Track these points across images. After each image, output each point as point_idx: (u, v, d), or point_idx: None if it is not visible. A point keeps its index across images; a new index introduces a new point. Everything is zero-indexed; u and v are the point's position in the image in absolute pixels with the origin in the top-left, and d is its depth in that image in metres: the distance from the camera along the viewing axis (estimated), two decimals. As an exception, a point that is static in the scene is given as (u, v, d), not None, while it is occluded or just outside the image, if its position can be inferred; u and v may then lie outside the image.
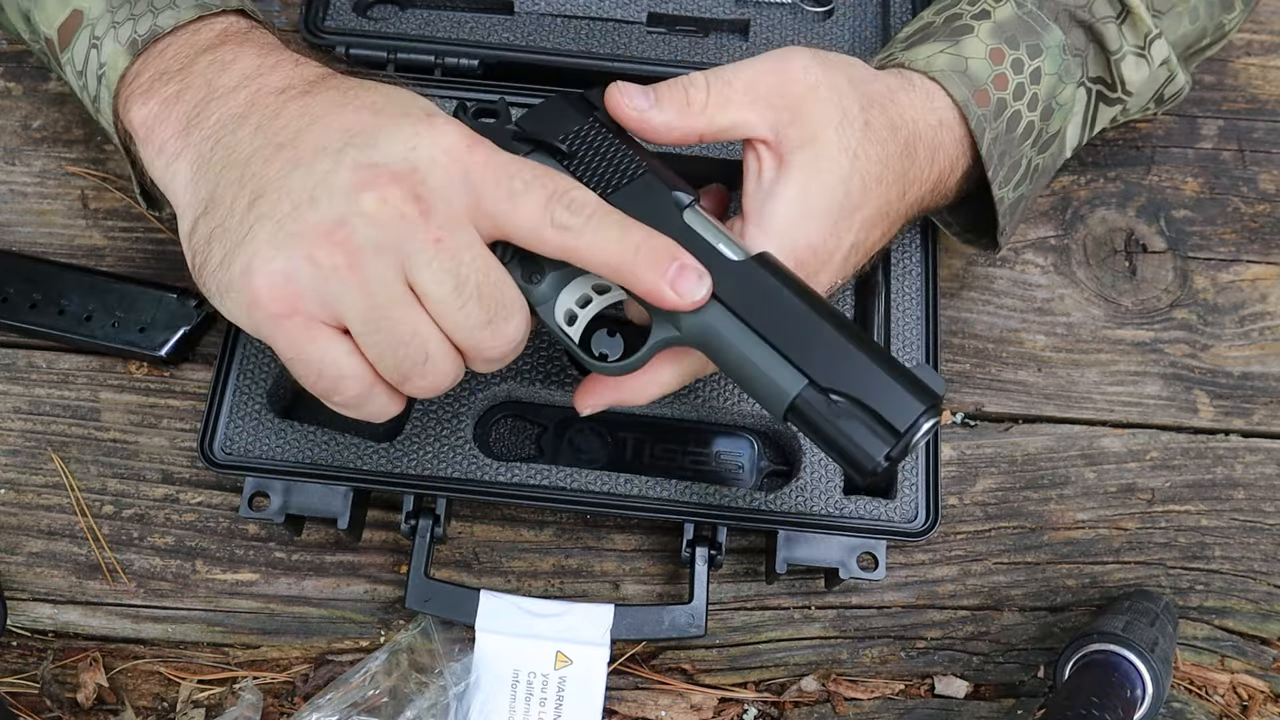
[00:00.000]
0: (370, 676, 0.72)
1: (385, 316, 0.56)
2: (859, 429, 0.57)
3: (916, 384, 0.58)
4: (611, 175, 0.62)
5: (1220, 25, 0.80)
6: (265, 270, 0.56)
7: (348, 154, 0.56)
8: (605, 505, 0.74)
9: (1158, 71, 0.76)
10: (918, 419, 0.57)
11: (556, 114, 0.63)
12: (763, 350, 0.59)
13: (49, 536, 0.78)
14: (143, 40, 0.66)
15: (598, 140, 0.63)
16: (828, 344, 0.58)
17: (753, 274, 0.59)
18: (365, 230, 0.55)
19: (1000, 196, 0.73)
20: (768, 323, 0.59)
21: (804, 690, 0.76)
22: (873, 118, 0.66)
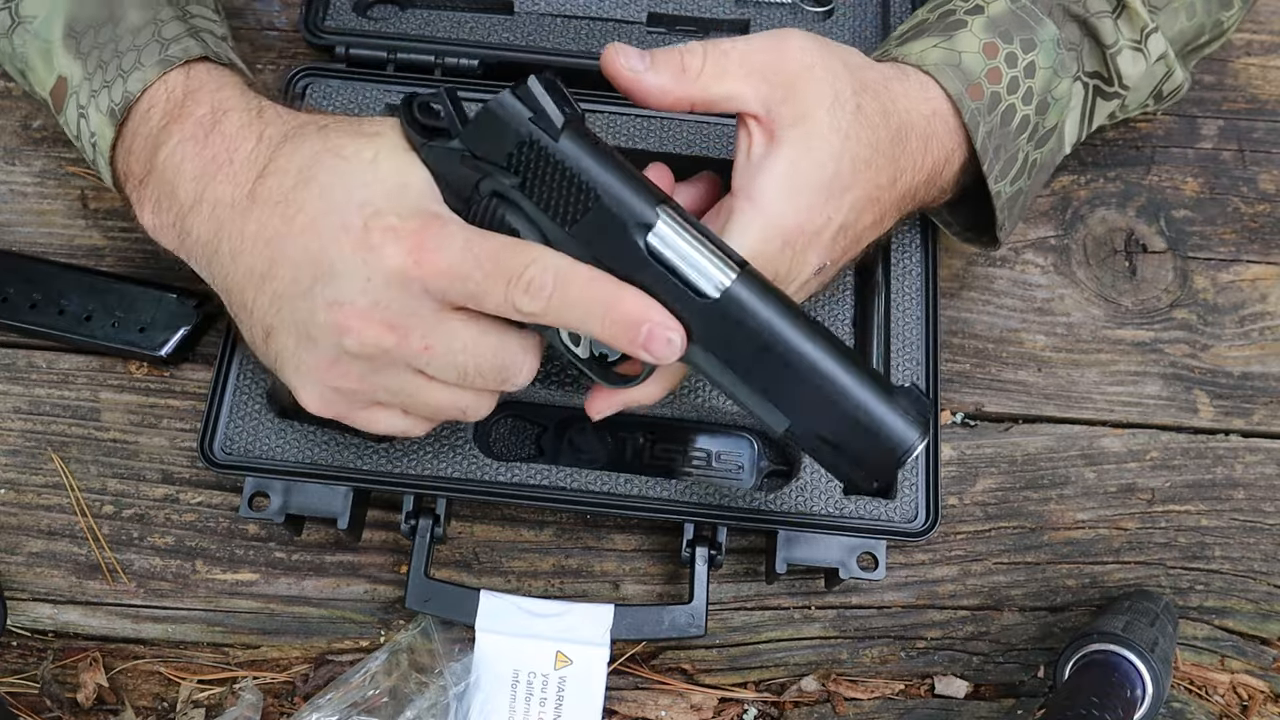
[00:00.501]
0: (370, 676, 0.72)
1: (415, 400, 0.62)
2: (845, 466, 0.61)
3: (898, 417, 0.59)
4: (566, 206, 0.58)
5: (1219, 23, 0.80)
6: (304, 396, 0.63)
7: (316, 292, 0.59)
8: (605, 505, 0.74)
9: (1155, 67, 0.76)
10: (900, 458, 0.59)
11: (498, 125, 0.58)
12: (746, 390, 0.60)
13: (49, 536, 0.78)
14: (119, 108, 0.67)
15: (542, 163, 0.58)
16: (809, 387, 0.59)
17: (727, 311, 0.58)
18: (359, 364, 0.60)
19: (997, 190, 0.73)
20: (747, 367, 0.59)
21: (804, 690, 0.76)
22: (865, 102, 0.66)
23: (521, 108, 0.58)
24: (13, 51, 0.72)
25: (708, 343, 0.59)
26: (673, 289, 0.58)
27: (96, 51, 0.68)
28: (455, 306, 0.59)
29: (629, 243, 0.58)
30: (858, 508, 0.74)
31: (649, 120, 0.83)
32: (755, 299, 0.58)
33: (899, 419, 0.59)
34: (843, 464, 0.61)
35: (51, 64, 0.70)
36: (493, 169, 0.59)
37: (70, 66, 0.69)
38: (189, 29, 0.69)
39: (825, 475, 0.75)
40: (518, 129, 0.58)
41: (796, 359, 0.58)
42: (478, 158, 0.59)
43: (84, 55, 0.68)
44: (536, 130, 0.58)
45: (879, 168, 0.67)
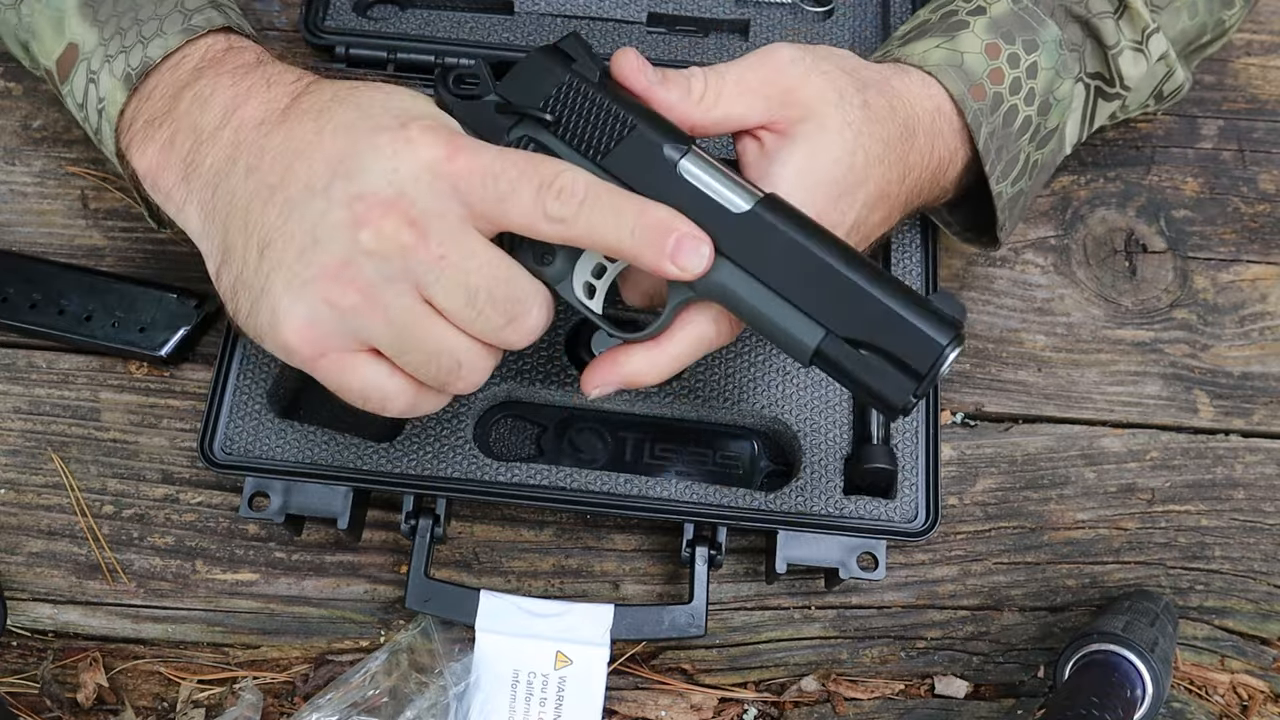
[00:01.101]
0: (370, 676, 0.72)
1: (411, 337, 0.58)
2: (884, 374, 0.58)
3: (935, 317, 0.58)
4: (600, 138, 0.61)
5: (1220, 22, 0.80)
6: (289, 319, 0.58)
7: (335, 187, 0.57)
8: (605, 505, 0.74)
9: (1156, 67, 0.76)
10: (939, 357, 0.58)
11: (536, 75, 0.62)
12: (777, 304, 0.59)
13: (49, 536, 0.78)
14: (136, 73, 0.66)
15: (581, 100, 0.61)
16: (842, 290, 0.58)
17: (759, 224, 0.59)
18: (371, 265, 0.56)
19: (998, 191, 0.73)
20: (778, 275, 0.59)
21: (804, 690, 0.76)
22: (870, 98, 0.66)
23: (561, 58, 0.62)
24: (18, 22, 0.71)
25: (741, 256, 0.59)
26: (704, 205, 0.59)
27: (115, 19, 0.68)
28: (480, 218, 0.57)
29: (662, 163, 0.60)
30: (858, 508, 0.74)
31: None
32: (783, 213, 0.59)
33: (938, 313, 0.58)
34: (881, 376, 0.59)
35: (63, 31, 0.69)
36: (527, 112, 0.61)
37: (85, 33, 0.68)
38: (210, 1, 0.69)
39: (825, 475, 0.75)
40: (556, 74, 0.61)
41: (829, 263, 0.58)
42: (512, 105, 0.61)
43: (101, 22, 0.68)
44: (575, 75, 0.61)
45: (890, 164, 0.67)
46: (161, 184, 0.65)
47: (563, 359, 0.77)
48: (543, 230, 0.57)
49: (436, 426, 0.75)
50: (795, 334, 0.59)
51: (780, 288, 0.59)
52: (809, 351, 0.59)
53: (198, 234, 0.65)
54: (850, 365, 0.59)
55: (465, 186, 0.57)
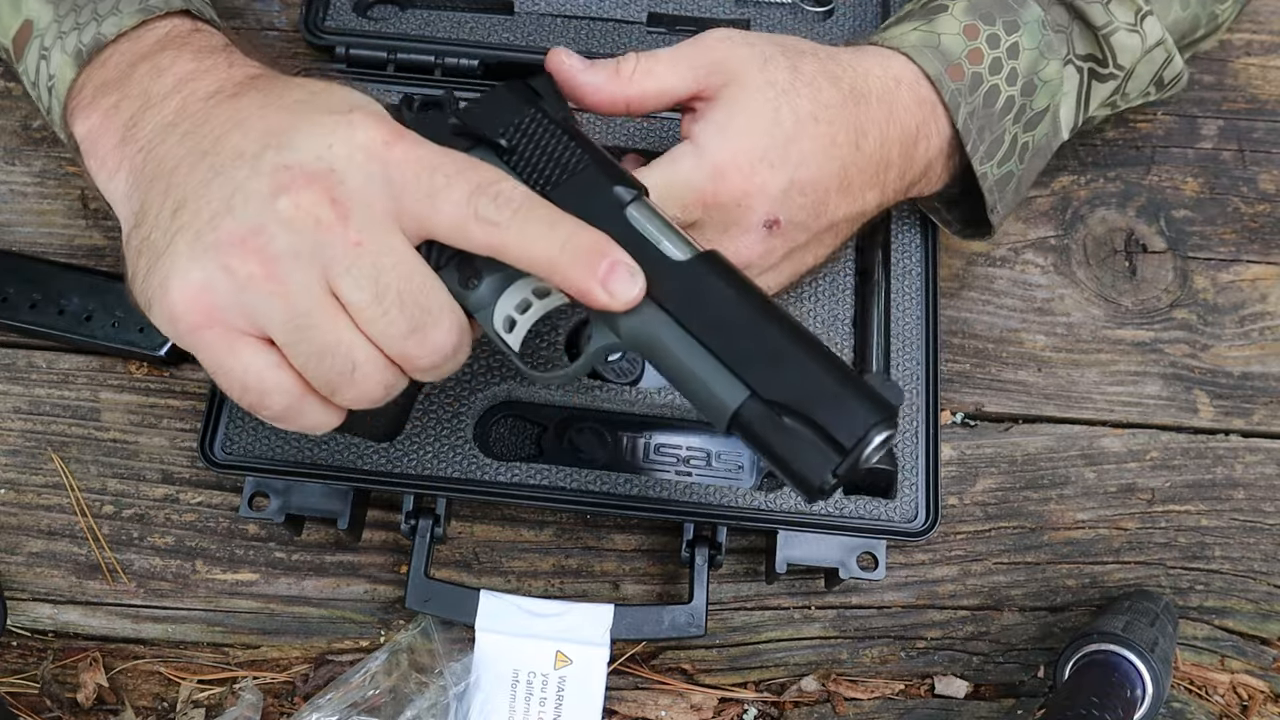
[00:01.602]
0: (370, 676, 0.72)
1: (307, 325, 0.54)
2: (803, 445, 0.54)
3: (868, 394, 0.54)
4: (552, 170, 0.60)
5: (1213, 15, 0.80)
6: (182, 282, 0.54)
7: (265, 157, 0.55)
8: (605, 505, 0.74)
9: (1154, 52, 0.76)
10: (867, 433, 0.53)
11: (499, 106, 0.61)
12: (703, 357, 0.56)
13: (49, 536, 0.78)
14: (87, 50, 0.65)
15: (540, 133, 0.61)
16: (772, 351, 0.55)
17: (695, 274, 0.57)
18: (282, 236, 0.53)
19: (983, 172, 0.73)
20: (708, 328, 0.56)
21: (804, 690, 0.76)
22: (802, 64, 0.68)
23: (528, 95, 0.62)
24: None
25: (672, 303, 0.56)
26: (643, 249, 0.57)
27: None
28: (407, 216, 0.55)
29: (609, 203, 0.59)
30: (858, 508, 0.74)
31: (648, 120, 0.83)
32: (722, 269, 0.58)
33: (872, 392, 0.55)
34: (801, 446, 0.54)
35: (19, 8, 0.68)
36: (483, 136, 0.60)
37: (40, 10, 0.67)
38: None
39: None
40: (522, 108, 0.61)
41: (762, 320, 0.56)
42: (468, 127, 0.61)
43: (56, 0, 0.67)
44: (539, 112, 0.61)
45: (831, 123, 0.68)
46: (99, 149, 0.63)
47: (563, 359, 0.77)
48: (471, 233, 0.55)
49: (436, 426, 0.75)
50: (717, 392, 0.55)
51: (709, 341, 0.56)
52: (728, 413, 0.55)
53: (120, 199, 0.62)
54: (770, 432, 0.55)
55: (399, 176, 0.55)
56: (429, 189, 0.55)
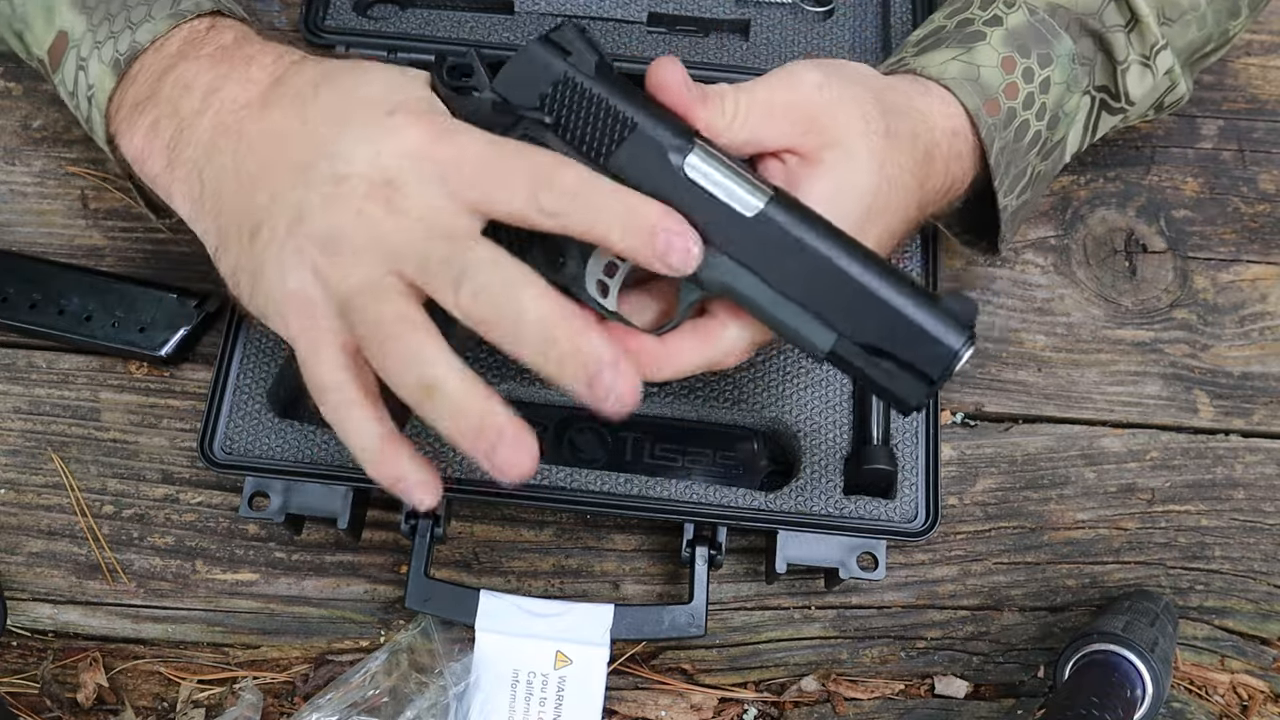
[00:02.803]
0: (370, 676, 0.72)
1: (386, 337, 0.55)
2: (896, 378, 0.59)
3: (947, 319, 0.58)
4: (601, 139, 0.59)
5: (1225, 31, 0.80)
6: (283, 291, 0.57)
7: (317, 172, 0.57)
8: (605, 505, 0.74)
9: (1160, 81, 0.76)
10: (950, 362, 0.57)
11: (531, 69, 0.60)
12: (786, 306, 0.59)
13: (49, 536, 0.78)
14: (125, 58, 0.66)
15: (579, 100, 0.59)
16: (853, 295, 0.58)
17: (769, 227, 0.58)
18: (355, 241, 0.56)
19: (1005, 205, 0.73)
20: (787, 278, 0.58)
21: (804, 690, 0.76)
22: (894, 124, 0.65)
23: (555, 50, 0.60)
24: (12, 12, 0.71)
25: (748, 258, 0.58)
26: (710, 207, 0.58)
27: (103, 4, 0.67)
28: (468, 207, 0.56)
29: (665, 165, 0.58)
30: (858, 508, 0.74)
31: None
32: (793, 213, 0.59)
33: (950, 315, 0.58)
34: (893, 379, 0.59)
35: (53, 20, 0.69)
36: (525, 111, 0.59)
37: (74, 21, 0.68)
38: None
39: (825, 475, 0.75)
40: (552, 69, 0.59)
41: (839, 266, 0.58)
42: (510, 103, 0.60)
43: (90, 9, 0.68)
44: (571, 69, 0.59)
45: (910, 191, 0.66)
46: (148, 170, 0.65)
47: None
48: (536, 222, 0.56)
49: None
50: (807, 336, 0.59)
51: (791, 292, 0.58)
52: (821, 354, 0.60)
53: (189, 218, 0.65)
54: (863, 367, 0.59)
55: (453, 175, 0.56)
56: (486, 186, 0.56)
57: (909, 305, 0.58)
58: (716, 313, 0.62)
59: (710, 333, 0.62)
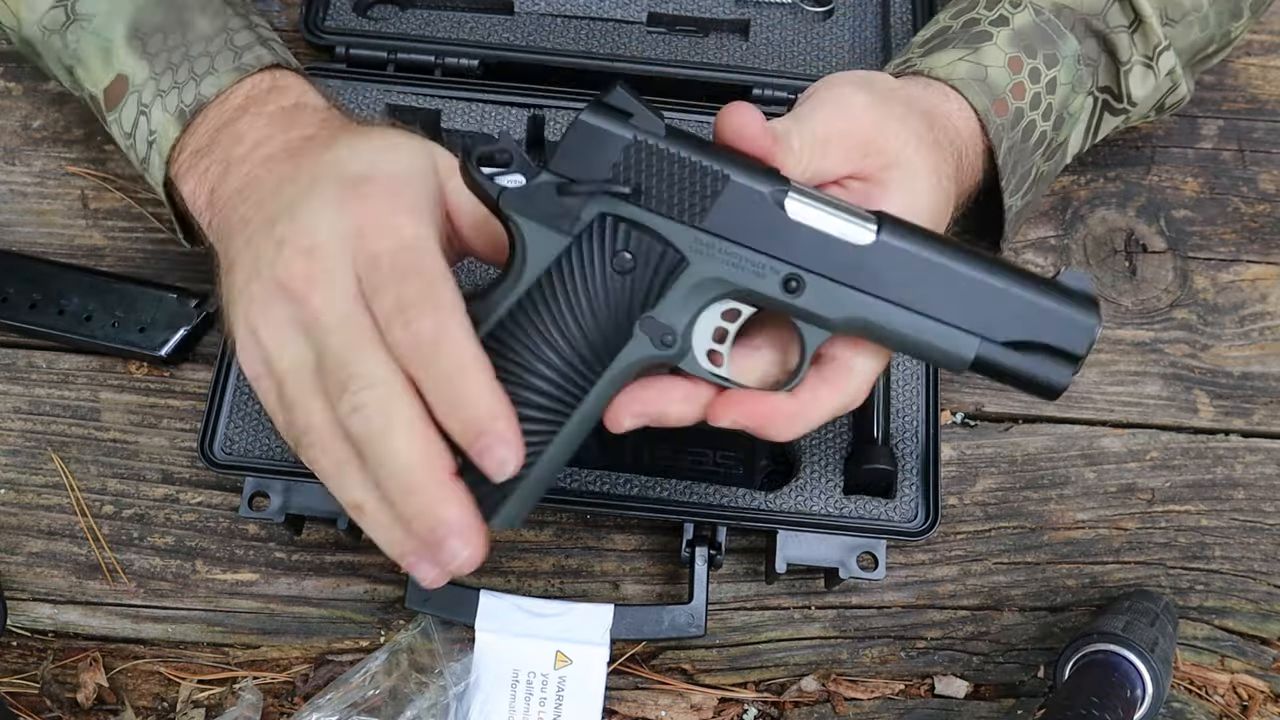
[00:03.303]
0: (370, 676, 0.72)
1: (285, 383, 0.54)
2: (1043, 365, 0.59)
3: (1077, 299, 0.59)
4: (692, 198, 0.56)
5: (1227, 33, 0.80)
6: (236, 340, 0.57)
7: (277, 226, 0.56)
8: (605, 505, 0.74)
9: (1162, 82, 0.76)
10: (1093, 336, 0.58)
11: (592, 141, 0.55)
12: (926, 324, 0.58)
13: (49, 536, 0.78)
14: (190, 110, 0.68)
15: (656, 160, 0.55)
16: (986, 297, 0.58)
17: (887, 252, 0.57)
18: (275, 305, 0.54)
19: (1010, 205, 0.73)
20: (920, 297, 0.57)
21: (804, 690, 0.76)
22: (938, 135, 0.65)
23: (615, 115, 0.56)
24: (64, 48, 0.72)
25: (877, 288, 0.57)
26: (826, 245, 0.57)
27: (165, 54, 0.69)
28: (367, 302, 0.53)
29: (772, 213, 0.56)
30: (858, 508, 0.74)
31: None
32: (906, 234, 0.58)
33: (1077, 294, 0.59)
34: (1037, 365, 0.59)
35: (111, 62, 0.70)
36: (597, 186, 0.55)
37: (134, 66, 0.69)
38: (259, 38, 0.70)
39: (825, 475, 0.75)
40: (618, 136, 0.55)
41: (967, 273, 0.58)
42: (575, 181, 0.55)
43: (151, 56, 0.69)
44: (640, 132, 0.55)
45: (952, 198, 0.67)
46: (195, 207, 0.68)
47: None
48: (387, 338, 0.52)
49: (436, 426, 0.75)
50: (950, 349, 0.58)
51: (926, 309, 0.57)
52: (966, 363, 0.59)
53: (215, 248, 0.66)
54: (1009, 364, 0.59)
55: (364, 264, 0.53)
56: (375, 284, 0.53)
57: (1040, 295, 0.58)
58: (837, 354, 0.60)
59: (839, 376, 0.60)
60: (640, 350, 0.56)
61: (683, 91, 0.85)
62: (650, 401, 0.58)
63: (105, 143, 0.88)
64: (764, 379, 0.60)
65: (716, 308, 0.58)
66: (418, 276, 0.53)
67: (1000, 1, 0.72)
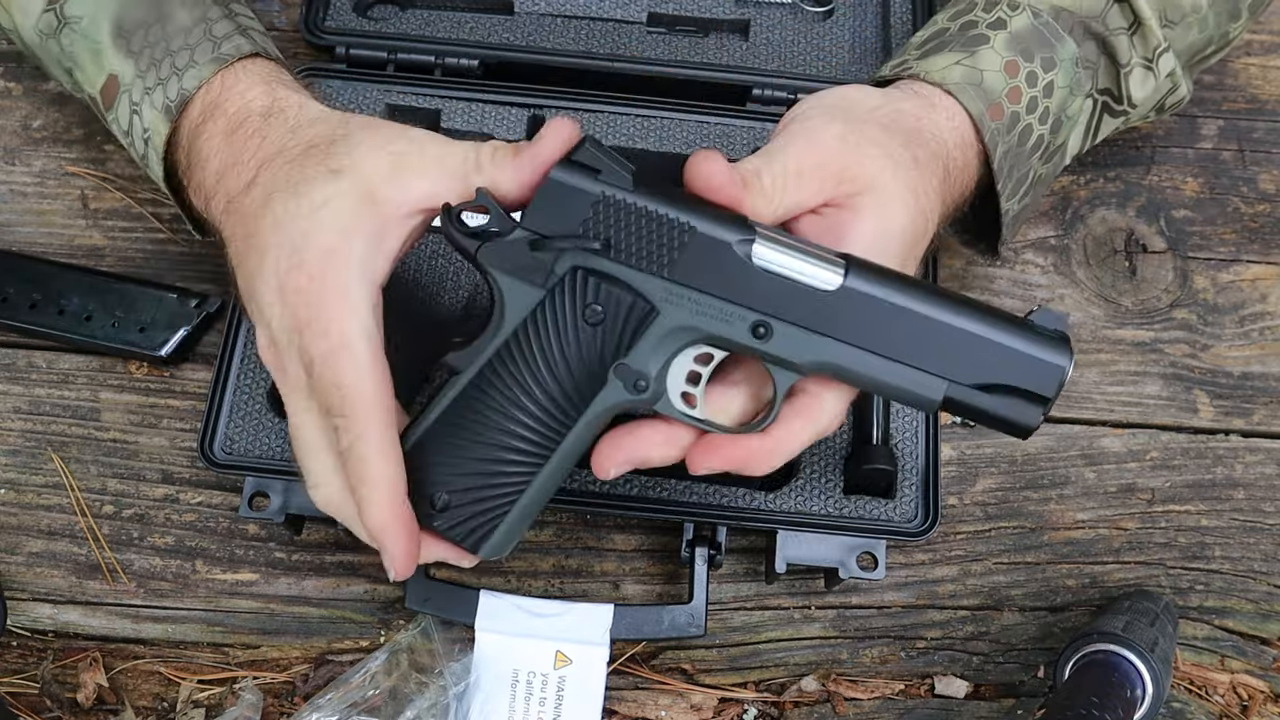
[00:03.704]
0: (370, 676, 0.72)
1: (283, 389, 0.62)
2: (1012, 406, 0.59)
3: (1046, 340, 0.59)
4: (660, 250, 0.57)
5: (1225, 34, 0.80)
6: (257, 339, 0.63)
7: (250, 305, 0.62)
8: (605, 505, 0.74)
9: (1162, 84, 0.76)
10: (1061, 378, 0.58)
11: (562, 198, 0.58)
12: (894, 367, 0.58)
13: (49, 536, 0.78)
14: (175, 106, 0.68)
15: (623, 214, 0.57)
16: (952, 340, 0.58)
17: (852, 297, 0.58)
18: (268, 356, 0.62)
19: (1006, 209, 0.73)
20: (887, 342, 0.58)
21: (804, 690, 0.76)
22: (917, 153, 0.65)
23: (583, 172, 0.57)
24: (60, 51, 0.73)
25: (843, 333, 0.58)
26: (793, 292, 0.58)
27: (148, 50, 0.69)
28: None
29: (737, 261, 0.57)
30: (857, 508, 0.74)
31: (648, 120, 0.83)
32: (871, 276, 0.58)
33: (1048, 335, 0.59)
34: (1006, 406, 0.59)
35: (101, 63, 0.71)
36: (569, 241, 0.57)
37: (122, 65, 0.70)
38: (237, 27, 0.70)
39: (825, 475, 0.75)
40: (587, 192, 0.57)
41: (934, 316, 0.58)
42: (547, 237, 0.58)
43: (135, 54, 0.70)
44: (608, 187, 0.57)
45: (935, 212, 0.67)
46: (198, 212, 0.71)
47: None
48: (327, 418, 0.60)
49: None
50: (918, 392, 0.59)
51: (893, 353, 0.58)
52: (935, 405, 0.60)
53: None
54: (978, 405, 0.59)
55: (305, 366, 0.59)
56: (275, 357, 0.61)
57: (1009, 336, 0.58)
58: (809, 387, 0.61)
59: (811, 410, 0.61)
60: (615, 395, 0.59)
61: (683, 91, 0.85)
62: (633, 449, 0.61)
63: (105, 143, 0.88)
64: (741, 415, 0.62)
65: (689, 352, 0.60)
66: (337, 390, 0.57)
67: (998, 4, 0.72)
